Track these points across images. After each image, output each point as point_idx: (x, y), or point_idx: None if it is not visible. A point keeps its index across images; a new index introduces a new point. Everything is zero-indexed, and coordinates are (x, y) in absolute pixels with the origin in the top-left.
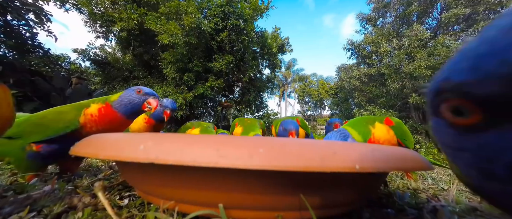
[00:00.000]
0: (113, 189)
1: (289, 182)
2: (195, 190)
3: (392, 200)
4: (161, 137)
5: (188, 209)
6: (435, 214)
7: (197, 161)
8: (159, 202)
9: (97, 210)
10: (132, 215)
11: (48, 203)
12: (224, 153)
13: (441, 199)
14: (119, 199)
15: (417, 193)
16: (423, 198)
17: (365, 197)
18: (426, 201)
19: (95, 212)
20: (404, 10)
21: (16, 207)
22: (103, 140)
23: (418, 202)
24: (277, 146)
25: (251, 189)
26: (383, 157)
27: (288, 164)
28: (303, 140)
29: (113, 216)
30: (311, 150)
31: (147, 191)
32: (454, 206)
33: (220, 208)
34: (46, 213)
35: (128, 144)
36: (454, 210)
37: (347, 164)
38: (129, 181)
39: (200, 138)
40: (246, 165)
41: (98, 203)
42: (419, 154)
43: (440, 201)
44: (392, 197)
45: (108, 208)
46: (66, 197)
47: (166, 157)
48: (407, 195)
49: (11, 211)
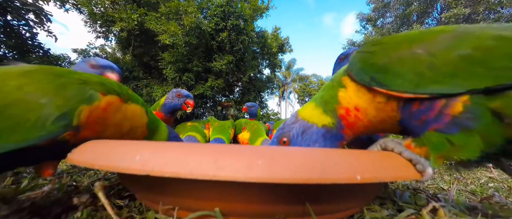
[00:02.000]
0: (113, 189)
1: (290, 191)
2: (193, 199)
3: (392, 200)
4: (158, 146)
5: (187, 214)
6: (435, 214)
7: (194, 173)
8: (158, 206)
9: (97, 210)
10: (132, 216)
11: (48, 203)
12: (222, 164)
13: (441, 199)
14: (119, 199)
15: (417, 193)
16: (423, 198)
17: (367, 200)
18: (426, 201)
19: (95, 212)
20: (404, 10)
21: (16, 207)
22: (99, 148)
23: (418, 202)
24: (277, 157)
25: (251, 199)
26: (385, 166)
27: (288, 176)
28: (303, 150)
29: (113, 216)
30: (311, 161)
31: (145, 197)
32: (454, 206)
33: (217, 212)
34: (46, 213)
35: (124, 153)
36: (454, 210)
37: (348, 175)
38: (127, 186)
39: (198, 147)
40: (245, 178)
41: (98, 203)
42: None
43: (440, 201)
44: (392, 197)
45: (108, 208)
46: (66, 197)
47: (162, 168)
48: (406, 195)
49: (11, 211)
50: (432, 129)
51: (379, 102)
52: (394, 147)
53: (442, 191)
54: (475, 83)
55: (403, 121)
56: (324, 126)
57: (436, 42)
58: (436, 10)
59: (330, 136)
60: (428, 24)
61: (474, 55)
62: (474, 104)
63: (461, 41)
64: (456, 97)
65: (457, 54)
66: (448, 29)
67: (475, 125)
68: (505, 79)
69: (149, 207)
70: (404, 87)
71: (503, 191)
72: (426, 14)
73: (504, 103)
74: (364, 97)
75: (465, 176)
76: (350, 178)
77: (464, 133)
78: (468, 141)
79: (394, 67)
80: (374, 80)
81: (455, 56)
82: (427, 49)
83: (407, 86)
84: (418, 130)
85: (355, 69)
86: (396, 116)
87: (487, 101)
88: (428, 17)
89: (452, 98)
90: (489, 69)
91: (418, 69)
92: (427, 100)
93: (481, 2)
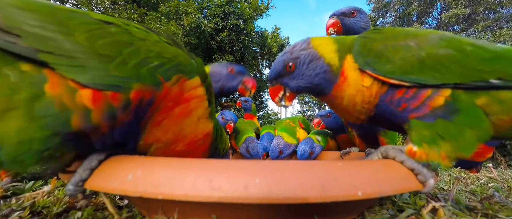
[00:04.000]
0: None
1: (291, 207)
2: (191, 215)
3: (392, 200)
4: (152, 162)
5: None
6: (435, 214)
7: (188, 195)
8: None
9: (97, 210)
10: (133, 215)
11: (48, 203)
12: (217, 184)
13: (441, 199)
14: (119, 199)
15: (417, 193)
16: (423, 198)
17: (368, 206)
18: (426, 201)
19: (95, 212)
20: (404, 10)
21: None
22: None
23: (418, 202)
24: (275, 173)
25: (249, 216)
26: (387, 178)
27: (286, 196)
28: (302, 164)
29: (115, 215)
30: (311, 177)
31: (142, 209)
32: (454, 206)
33: None
34: (46, 213)
35: (115, 172)
36: (454, 210)
37: (349, 191)
38: (124, 196)
39: (193, 163)
40: (241, 198)
41: (98, 203)
42: None
43: (440, 201)
44: (392, 197)
45: (110, 207)
46: (66, 197)
47: (155, 190)
48: (406, 195)
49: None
50: (412, 116)
51: (363, 85)
52: (395, 155)
53: (442, 191)
54: (449, 77)
55: (381, 106)
56: (330, 64)
57: (426, 39)
58: (436, 10)
59: (328, 77)
60: (428, 24)
61: (454, 55)
62: (454, 99)
63: (446, 42)
64: (439, 90)
65: (441, 51)
66: (438, 32)
67: (454, 118)
68: (473, 78)
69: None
70: (392, 74)
71: (503, 191)
72: (426, 14)
73: (486, 101)
74: (354, 75)
75: (465, 176)
76: (351, 195)
77: (444, 124)
78: (455, 133)
79: (387, 54)
80: (367, 64)
81: (439, 52)
82: (418, 43)
83: (396, 72)
84: (398, 115)
85: (355, 50)
86: (373, 101)
87: (469, 97)
88: (428, 17)
89: (436, 91)
90: (463, 68)
91: (407, 59)
92: (411, 89)
93: (481, 2)
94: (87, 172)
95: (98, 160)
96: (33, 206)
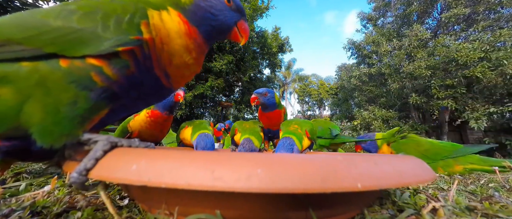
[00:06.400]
0: (113, 189)
1: (292, 198)
2: (192, 207)
3: (392, 200)
4: (156, 154)
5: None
6: (435, 214)
7: (191, 184)
8: (156, 211)
9: (97, 210)
10: (132, 216)
11: (48, 203)
12: (220, 174)
13: (441, 199)
14: (119, 199)
15: (416, 193)
16: (423, 198)
17: (369, 202)
18: (426, 201)
19: (95, 212)
20: (404, 10)
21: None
22: None
23: (418, 202)
24: (276, 165)
25: (251, 208)
26: (386, 172)
27: (288, 186)
28: (303, 157)
29: (115, 215)
30: (311, 169)
31: (144, 202)
32: (454, 206)
33: (217, 214)
34: (46, 213)
35: (120, 163)
36: (454, 210)
37: (349, 183)
38: (125, 191)
39: (196, 155)
40: (244, 188)
41: (98, 203)
42: (424, 163)
43: (440, 201)
44: (392, 197)
45: (110, 207)
46: (66, 197)
47: (159, 179)
48: (406, 195)
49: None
50: None
51: None
52: None
53: (442, 191)
54: None
55: None
56: None
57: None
58: (436, 10)
59: None
60: (428, 24)
61: None
62: None
63: None
64: None
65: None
66: None
67: None
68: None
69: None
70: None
71: (503, 191)
72: (426, 14)
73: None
74: None
75: (465, 176)
76: (351, 187)
77: None
78: None
79: None
80: None
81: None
82: None
83: None
84: None
85: None
86: None
87: None
88: (428, 17)
89: None
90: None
91: None
92: None
93: (481, 2)
94: (92, 162)
95: (103, 150)
96: (33, 206)
